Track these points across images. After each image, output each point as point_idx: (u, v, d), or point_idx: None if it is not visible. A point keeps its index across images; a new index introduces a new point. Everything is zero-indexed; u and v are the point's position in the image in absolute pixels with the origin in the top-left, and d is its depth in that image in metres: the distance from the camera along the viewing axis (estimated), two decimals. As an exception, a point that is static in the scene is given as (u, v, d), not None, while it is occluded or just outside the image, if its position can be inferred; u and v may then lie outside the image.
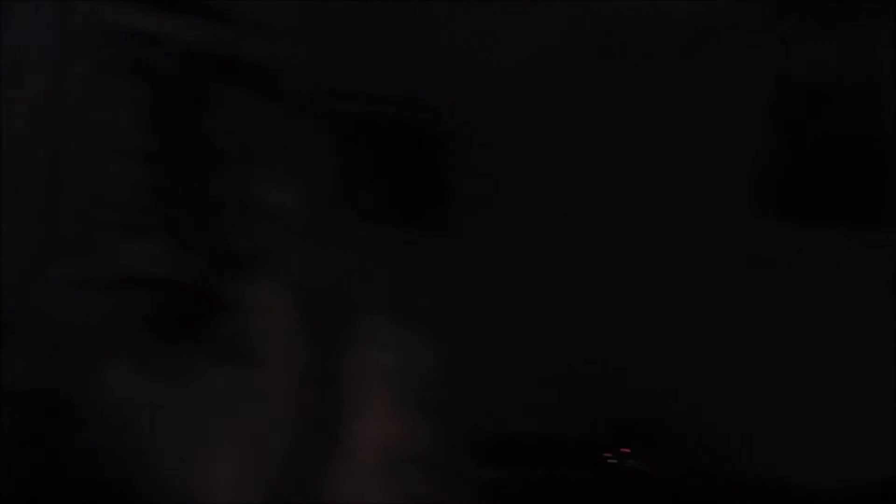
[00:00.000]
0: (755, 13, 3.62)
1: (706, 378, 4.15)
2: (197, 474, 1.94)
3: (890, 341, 3.80)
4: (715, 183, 4.18)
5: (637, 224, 4.33)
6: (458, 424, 3.69)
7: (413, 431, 2.06)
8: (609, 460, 3.78)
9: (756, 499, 3.89)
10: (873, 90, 3.86)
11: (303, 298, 2.24)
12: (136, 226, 3.49)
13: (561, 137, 4.32)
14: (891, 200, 3.84)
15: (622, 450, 3.77)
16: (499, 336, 4.23)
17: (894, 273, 3.83)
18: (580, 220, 4.42)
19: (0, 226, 3.23)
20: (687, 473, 3.94)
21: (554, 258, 4.45)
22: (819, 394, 3.93)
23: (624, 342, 4.30)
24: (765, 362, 4.04)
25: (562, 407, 4.30)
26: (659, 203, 4.30)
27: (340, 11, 3.87)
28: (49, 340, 2.00)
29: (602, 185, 4.37)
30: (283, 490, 1.96)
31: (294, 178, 3.11)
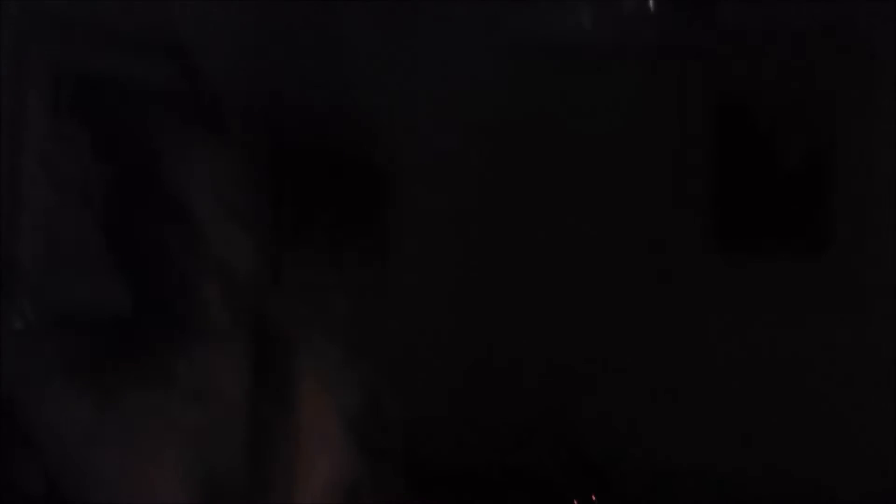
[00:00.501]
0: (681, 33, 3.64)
1: (664, 413, 4.17)
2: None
3: (849, 364, 3.83)
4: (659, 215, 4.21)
5: (581, 254, 4.35)
6: (418, 459, 3.71)
7: (368, 469, 2.08)
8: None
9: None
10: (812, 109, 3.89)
11: (255, 337, 2.26)
12: (92, 267, 3.50)
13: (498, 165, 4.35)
14: (835, 222, 3.86)
15: (590, 492, 3.79)
16: (457, 369, 4.25)
17: (845, 296, 3.85)
18: (525, 255, 4.44)
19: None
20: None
21: (508, 287, 4.47)
22: (784, 423, 3.96)
23: (580, 379, 4.31)
24: (725, 396, 4.07)
25: (524, 443, 4.33)
26: (601, 231, 4.32)
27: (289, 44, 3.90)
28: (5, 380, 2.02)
29: (543, 211, 4.40)
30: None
31: (245, 219, 3.13)
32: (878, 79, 3.81)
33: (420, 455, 3.69)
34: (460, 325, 4.39)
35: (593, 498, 3.76)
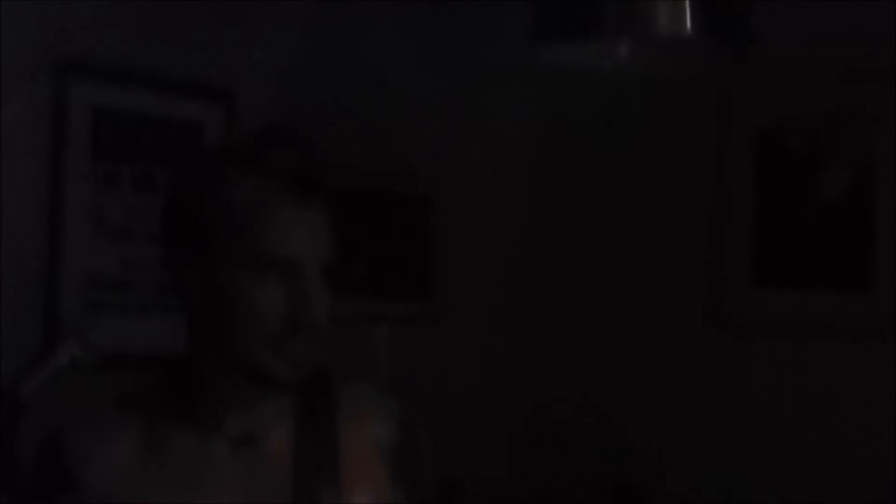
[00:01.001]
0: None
1: (702, 440, 4.16)
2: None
3: (888, 398, 3.80)
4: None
5: (624, 288, 4.35)
6: (450, 494, 3.70)
7: (399, 484, 2.06)
8: None
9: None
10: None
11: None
12: (134, 305, 3.51)
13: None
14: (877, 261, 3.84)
15: None
16: (488, 399, 4.25)
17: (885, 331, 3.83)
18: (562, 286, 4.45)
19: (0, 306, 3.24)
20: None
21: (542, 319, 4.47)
22: (814, 455, 3.93)
23: (617, 403, 4.31)
24: (764, 424, 4.04)
25: (559, 470, 4.31)
26: (645, 259, 4.32)
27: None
28: (52, 421, 2.02)
29: (588, 240, 4.40)
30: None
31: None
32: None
33: (457, 490, 3.69)
34: (503, 361, 4.40)
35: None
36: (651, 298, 4.28)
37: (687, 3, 2.87)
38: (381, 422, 2.03)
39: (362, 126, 4.01)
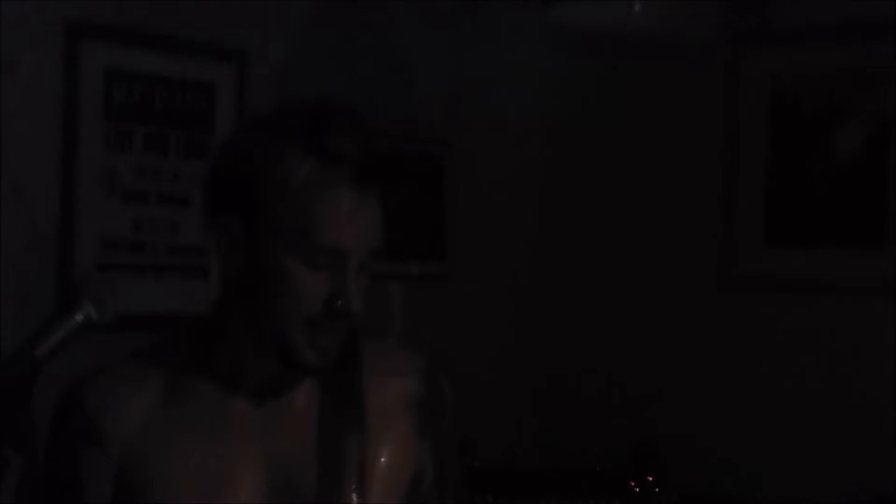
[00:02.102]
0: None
1: (714, 399, 4.16)
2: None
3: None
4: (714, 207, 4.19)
5: (639, 248, 4.35)
6: (468, 457, 3.70)
7: (424, 462, 2.07)
8: (633, 488, 3.78)
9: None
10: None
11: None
12: (147, 266, 3.52)
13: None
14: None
15: (648, 478, 3.78)
16: (501, 360, 4.26)
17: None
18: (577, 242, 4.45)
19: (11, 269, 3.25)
20: (700, 497, 3.94)
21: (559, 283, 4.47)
22: (828, 413, 3.93)
23: (632, 363, 4.31)
24: (774, 382, 4.04)
25: (573, 434, 4.32)
26: (658, 224, 4.31)
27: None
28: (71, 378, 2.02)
29: (593, 201, 4.41)
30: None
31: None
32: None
33: (478, 449, 3.69)
34: (517, 322, 4.40)
35: (650, 479, 3.74)
36: (665, 259, 4.28)
37: (699, -39, 2.87)
38: (407, 376, 2.04)
39: (375, 87, 4.01)
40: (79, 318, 1.89)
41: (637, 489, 3.76)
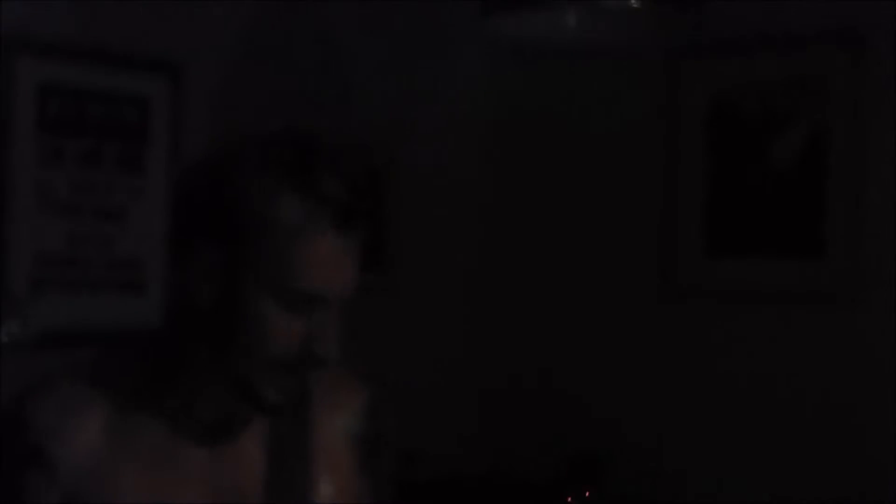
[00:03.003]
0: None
1: (656, 408, 4.17)
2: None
3: (844, 365, 3.81)
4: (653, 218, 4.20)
5: (578, 259, 4.35)
6: (412, 469, 3.68)
7: (363, 489, 2.05)
8: (571, 501, 3.77)
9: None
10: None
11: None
12: (81, 282, 3.48)
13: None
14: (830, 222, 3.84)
15: (584, 489, 3.77)
16: (444, 372, 4.24)
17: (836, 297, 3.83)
18: (518, 248, 4.45)
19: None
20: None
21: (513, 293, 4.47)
22: (769, 421, 3.94)
23: (575, 372, 4.31)
24: (715, 391, 4.05)
25: (517, 438, 4.31)
26: (597, 234, 4.32)
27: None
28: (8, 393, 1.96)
29: (546, 213, 4.41)
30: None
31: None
32: (873, 75, 3.80)
33: (416, 461, 3.67)
34: (460, 333, 4.39)
35: (587, 494, 3.74)
36: (607, 269, 4.29)
37: (633, -28, 2.86)
38: (351, 411, 2.01)
39: (314, 98, 3.98)
40: (2, 336, 1.85)
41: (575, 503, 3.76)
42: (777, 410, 3.91)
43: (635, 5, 2.90)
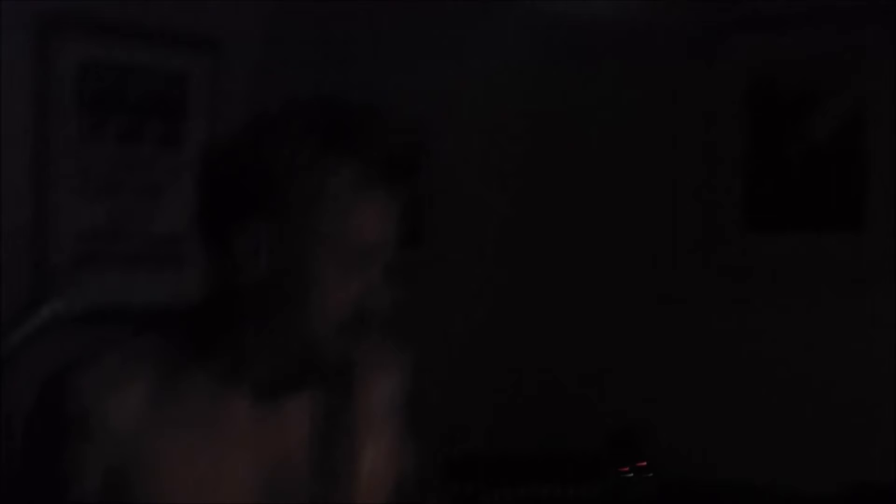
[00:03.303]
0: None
1: (698, 385, 4.16)
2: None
3: (885, 344, 3.78)
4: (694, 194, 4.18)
5: (618, 235, 4.34)
6: (454, 446, 3.70)
7: (405, 454, 2.06)
8: (626, 474, 3.80)
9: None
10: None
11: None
12: (122, 258, 3.50)
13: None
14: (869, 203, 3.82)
15: (638, 464, 3.79)
16: (479, 349, 4.24)
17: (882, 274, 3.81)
18: (557, 229, 4.44)
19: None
20: (684, 483, 3.94)
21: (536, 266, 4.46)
22: (813, 398, 3.92)
23: (612, 350, 4.31)
24: (758, 368, 4.04)
25: (553, 417, 4.31)
26: (636, 211, 4.31)
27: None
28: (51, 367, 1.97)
29: (577, 188, 4.40)
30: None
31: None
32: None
33: (458, 441, 3.69)
34: (492, 314, 4.39)
35: (643, 464, 3.76)
36: (647, 248, 4.27)
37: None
38: (394, 376, 2.03)
39: (350, 77, 3.98)
40: (47, 313, 1.87)
41: (631, 474, 3.79)
42: (817, 389, 3.89)
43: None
